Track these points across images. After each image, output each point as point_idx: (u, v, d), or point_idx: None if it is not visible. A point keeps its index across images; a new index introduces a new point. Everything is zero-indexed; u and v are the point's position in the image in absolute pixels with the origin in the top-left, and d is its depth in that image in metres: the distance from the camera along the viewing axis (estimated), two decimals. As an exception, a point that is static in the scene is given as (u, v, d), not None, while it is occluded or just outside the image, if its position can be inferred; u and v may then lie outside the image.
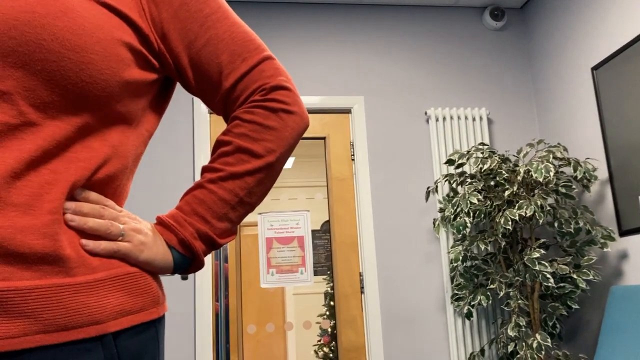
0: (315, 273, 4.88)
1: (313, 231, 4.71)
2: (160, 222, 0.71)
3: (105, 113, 0.65)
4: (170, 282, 3.03)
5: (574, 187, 2.77)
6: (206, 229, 0.71)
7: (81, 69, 0.60)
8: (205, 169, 0.74)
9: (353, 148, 3.31)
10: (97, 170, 0.65)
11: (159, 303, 0.69)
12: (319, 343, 4.63)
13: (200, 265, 0.73)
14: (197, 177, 3.09)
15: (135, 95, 0.69)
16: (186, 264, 0.72)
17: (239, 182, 0.73)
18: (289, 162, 5.09)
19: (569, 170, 3.17)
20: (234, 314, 3.16)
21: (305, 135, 3.40)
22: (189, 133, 3.15)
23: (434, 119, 3.31)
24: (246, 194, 0.74)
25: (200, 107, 3.17)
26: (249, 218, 3.65)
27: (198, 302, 2.99)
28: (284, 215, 3.21)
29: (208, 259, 3.07)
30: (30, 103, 0.58)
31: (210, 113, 3.19)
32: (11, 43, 0.57)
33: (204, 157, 3.11)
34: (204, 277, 3.02)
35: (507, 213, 2.65)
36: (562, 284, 2.76)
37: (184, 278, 3.07)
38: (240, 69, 0.75)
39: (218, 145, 0.75)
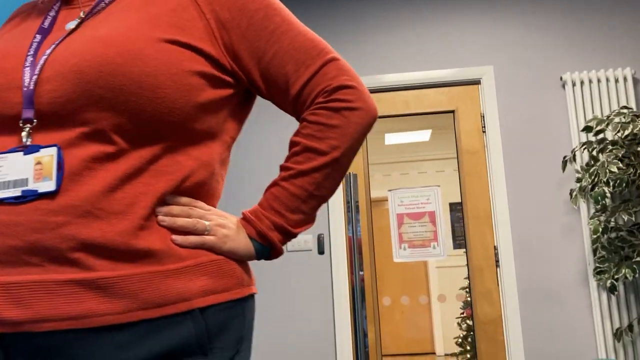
0: (459, 246, 4.85)
1: (453, 204, 4.68)
2: (244, 217, 0.82)
3: (186, 134, 0.76)
4: (310, 258, 3.24)
5: None
6: (281, 221, 0.81)
7: (158, 103, 0.72)
8: (281, 168, 0.83)
9: (484, 120, 3.25)
10: (184, 180, 0.76)
11: (243, 285, 0.80)
12: (461, 316, 4.64)
13: (278, 252, 0.83)
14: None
15: (212, 112, 0.80)
16: (267, 252, 0.83)
17: (307, 178, 0.81)
18: (426, 135, 5.06)
19: None
20: (369, 286, 3.29)
21: (433, 109, 3.40)
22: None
23: (570, 83, 3.14)
24: (315, 188, 0.81)
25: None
26: (380, 194, 3.75)
27: (334, 275, 3.16)
28: (414, 192, 3.25)
29: (342, 233, 3.22)
30: (121, 136, 0.72)
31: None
32: (100, 91, 0.70)
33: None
34: (339, 251, 3.19)
35: (653, 181, 2.46)
36: None
37: (321, 252, 3.26)
38: (305, 76, 0.82)
39: (290, 146, 0.83)
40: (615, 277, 2.70)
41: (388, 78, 3.32)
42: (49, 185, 0.69)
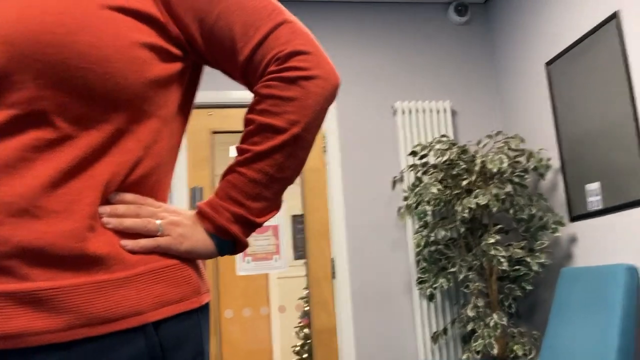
0: (299, 257, 5.04)
1: (296, 216, 4.87)
2: (199, 211, 0.72)
3: (136, 114, 0.67)
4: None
5: (526, 177, 2.95)
6: (241, 211, 0.71)
7: (106, 79, 0.63)
8: (237, 151, 0.73)
9: (325, 140, 3.46)
10: (132, 171, 0.67)
11: (199, 293, 0.71)
12: (299, 325, 4.82)
13: (243, 245, 0.73)
14: (175, 172, 3.22)
15: (162, 90, 0.70)
16: (230, 247, 0.74)
17: (267, 160, 0.71)
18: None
19: (524, 160, 3.35)
20: (212, 299, 3.32)
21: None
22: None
23: (400, 111, 3.47)
24: (277, 171, 0.72)
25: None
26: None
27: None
28: (258, 205, 3.36)
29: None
30: (64, 118, 0.62)
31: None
32: (39, 65, 0.60)
33: (180, 151, 3.24)
34: (182, 265, 3.17)
35: (465, 201, 2.83)
36: (517, 267, 2.95)
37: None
38: (254, 39, 0.72)
39: (245, 124, 0.74)
40: (434, 286, 3.04)
41: (236, 94, 3.40)
42: None
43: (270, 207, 0.74)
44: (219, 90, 3.39)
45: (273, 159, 0.71)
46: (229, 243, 0.73)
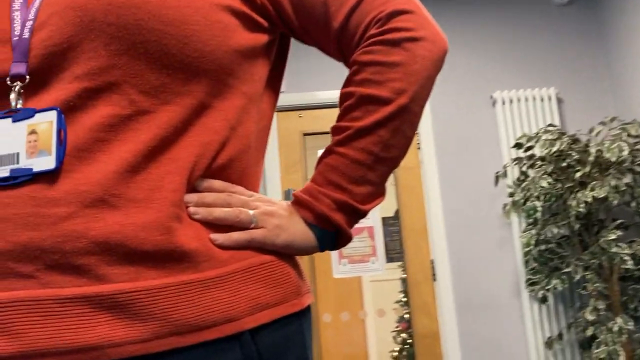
0: (391, 260, 4.92)
1: (386, 218, 4.75)
2: (296, 199, 0.64)
3: (219, 88, 0.59)
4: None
5: (651, 165, 2.66)
6: (344, 197, 0.62)
7: (184, 43, 0.56)
8: (333, 130, 0.65)
9: (419, 136, 3.32)
10: (218, 154, 0.59)
11: (300, 294, 0.62)
12: (396, 329, 4.69)
13: (347, 237, 0.65)
14: (267, 174, 3.20)
15: (247, 63, 0.63)
16: (332, 239, 0.65)
17: (370, 137, 0.62)
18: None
19: (646, 147, 3.04)
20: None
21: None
22: (257, 131, 3.26)
23: (500, 101, 3.26)
24: (382, 149, 0.62)
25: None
26: (319, 210, 3.75)
27: (274, 293, 3.10)
28: (353, 207, 3.27)
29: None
30: (140, 90, 0.54)
31: (277, 110, 3.29)
32: (110, 30, 0.54)
33: (272, 154, 3.22)
34: (279, 269, 3.14)
35: (580, 195, 2.59)
36: (642, 266, 2.67)
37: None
38: (348, 2, 0.63)
39: (341, 99, 0.65)
40: (546, 287, 2.81)
41: (324, 95, 3.34)
42: (47, 162, 0.50)
43: (375, 192, 0.65)
44: (308, 91, 3.34)
45: (378, 136, 0.62)
46: (331, 235, 0.64)
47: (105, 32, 0.54)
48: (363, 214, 0.65)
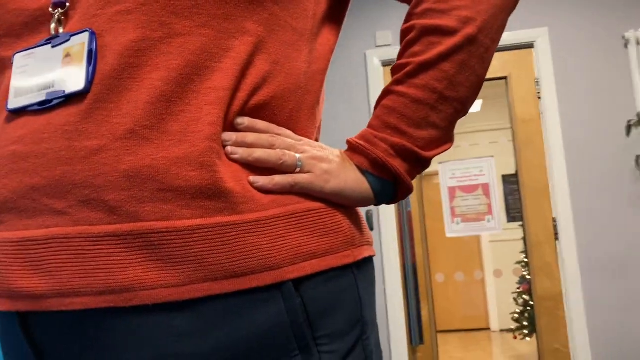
0: (513, 219, 4.69)
1: (506, 176, 4.51)
2: (349, 145, 0.59)
3: (263, 17, 0.54)
4: (358, 234, 3.16)
5: None
6: (403, 141, 0.57)
7: None
8: (393, 70, 0.59)
9: (539, 85, 3.07)
10: (258, 88, 0.54)
11: (354, 244, 0.57)
12: (518, 291, 4.49)
13: (407, 188, 0.59)
14: (375, 131, 3.14)
15: None
16: (390, 190, 0.59)
17: (432, 72, 0.56)
18: (477, 105, 4.82)
19: None
20: (420, 263, 3.20)
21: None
22: (363, 89, 3.20)
23: (634, 42, 2.92)
24: (447, 86, 0.56)
25: (373, 61, 3.19)
26: (430, 167, 3.63)
27: (384, 252, 3.08)
28: (466, 163, 3.13)
29: (392, 208, 3.13)
30: (172, 11, 0.50)
31: (384, 65, 3.19)
32: None
33: (380, 111, 3.14)
34: (389, 227, 3.10)
35: None
36: None
37: (370, 228, 3.19)
38: None
39: (402, 36, 0.59)
40: (688, 248, 2.51)
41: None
42: (77, 83, 0.49)
43: (441, 138, 0.59)
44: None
45: (441, 70, 0.56)
46: (389, 184, 0.59)
47: None
48: (426, 162, 0.59)
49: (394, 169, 0.57)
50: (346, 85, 3.22)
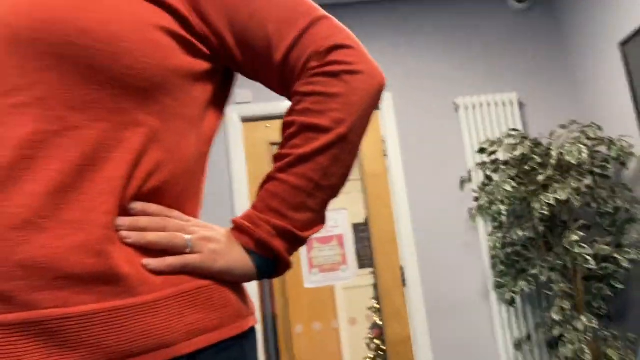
0: (363, 266, 4.93)
1: (357, 225, 4.76)
2: (235, 225, 0.63)
3: (153, 108, 0.58)
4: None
5: (609, 166, 2.73)
6: (284, 223, 0.62)
7: (115, 59, 0.54)
8: (275, 158, 0.66)
9: (385, 144, 3.35)
10: (151, 175, 0.57)
11: (241, 316, 0.61)
12: (369, 336, 4.68)
13: (286, 265, 0.64)
14: (235, 186, 3.19)
15: (187, 86, 0.62)
16: (271, 266, 0.64)
17: (310, 164, 0.63)
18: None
19: (605, 149, 3.12)
20: (281, 314, 3.24)
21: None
22: (222, 144, 3.24)
23: (463, 107, 3.31)
24: (322, 177, 0.63)
25: (233, 117, 3.27)
26: (288, 220, 3.75)
27: (245, 305, 3.08)
28: (321, 216, 3.27)
29: (252, 263, 3.15)
30: (68, 105, 0.53)
31: (244, 121, 3.28)
32: (36, 45, 0.53)
33: (239, 164, 3.21)
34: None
35: (542, 198, 2.64)
36: (605, 265, 2.73)
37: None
38: (291, 36, 0.64)
39: (283, 128, 0.66)
40: (513, 289, 2.85)
41: (288, 104, 3.34)
42: None
43: (315, 220, 0.66)
44: (274, 101, 3.34)
45: (317, 163, 0.63)
46: (270, 262, 0.64)
47: (32, 48, 0.53)
48: (302, 242, 0.65)
49: (276, 249, 0.62)
50: (206, 140, 3.23)
